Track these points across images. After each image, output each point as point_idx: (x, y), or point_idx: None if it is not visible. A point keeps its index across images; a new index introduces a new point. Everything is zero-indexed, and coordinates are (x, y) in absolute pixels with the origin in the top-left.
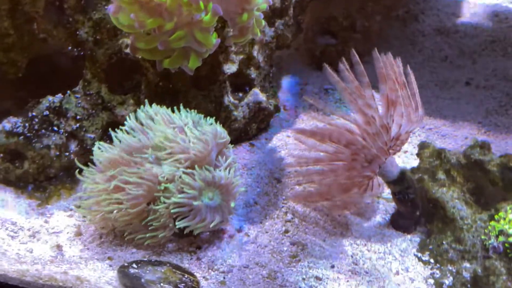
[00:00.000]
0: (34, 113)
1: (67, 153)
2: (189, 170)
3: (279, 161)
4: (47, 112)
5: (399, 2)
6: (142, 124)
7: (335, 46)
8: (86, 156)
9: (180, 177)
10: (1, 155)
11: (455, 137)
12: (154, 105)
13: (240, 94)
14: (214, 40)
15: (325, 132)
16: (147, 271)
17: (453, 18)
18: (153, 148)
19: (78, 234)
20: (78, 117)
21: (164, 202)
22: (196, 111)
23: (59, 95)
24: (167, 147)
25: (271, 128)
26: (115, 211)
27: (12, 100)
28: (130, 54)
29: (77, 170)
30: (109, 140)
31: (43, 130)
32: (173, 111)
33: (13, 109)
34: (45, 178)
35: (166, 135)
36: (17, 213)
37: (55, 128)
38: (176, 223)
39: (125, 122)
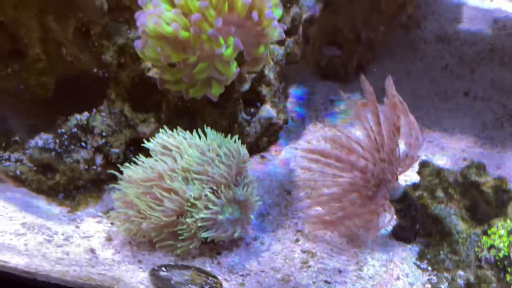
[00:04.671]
0: (63, 130)
1: (94, 167)
2: (214, 188)
3: (288, 173)
4: (75, 129)
5: (403, 10)
6: (166, 148)
7: (340, 58)
8: (110, 168)
9: (206, 195)
10: (35, 168)
11: (453, 149)
12: (177, 130)
13: (252, 110)
14: (234, 69)
15: (333, 153)
16: (175, 274)
17: (454, 24)
18: (182, 170)
19: (109, 239)
20: (103, 133)
21: (192, 216)
22: (212, 128)
23: (86, 114)
24: (194, 171)
25: (280, 140)
26: (145, 223)
27: (42, 118)
28: (153, 77)
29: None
30: (132, 154)
31: (72, 146)
32: (191, 130)
33: (43, 126)
34: (74, 188)
35: (194, 159)
36: (51, 219)
37: (83, 144)
38: (202, 234)
39: (151, 146)
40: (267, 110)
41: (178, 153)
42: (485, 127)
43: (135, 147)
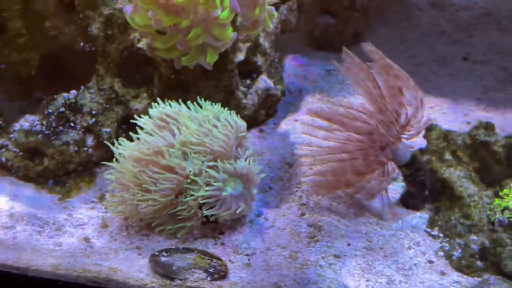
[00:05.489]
0: (50, 110)
1: (85, 148)
2: (212, 163)
3: (289, 146)
4: (63, 109)
5: None
6: (163, 121)
7: (334, 26)
8: (102, 150)
9: (206, 171)
10: (21, 153)
11: (455, 114)
12: (171, 102)
13: (248, 82)
14: (231, 34)
15: (338, 118)
16: (177, 259)
17: None
18: (180, 144)
19: (104, 226)
20: (93, 112)
21: (192, 195)
22: (207, 101)
23: (73, 91)
24: (192, 143)
25: (278, 113)
26: (140, 203)
27: (26, 98)
28: (143, 49)
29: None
30: (125, 133)
31: (61, 127)
32: (185, 103)
33: (28, 107)
34: (64, 173)
35: (191, 131)
36: (40, 208)
37: (72, 124)
38: (204, 212)
39: (144, 121)
40: (264, 80)
41: (175, 126)
42: (487, 90)
43: (128, 125)
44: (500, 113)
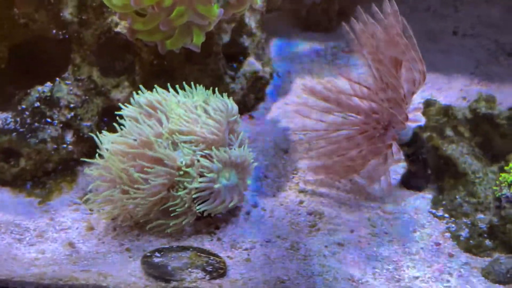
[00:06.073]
0: (23, 106)
1: (64, 145)
2: (205, 152)
3: (282, 131)
4: (38, 104)
5: None
6: (150, 108)
7: (320, 5)
8: (83, 145)
9: (199, 160)
10: None
11: (450, 90)
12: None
13: (235, 65)
14: (217, 10)
15: (336, 97)
16: (172, 258)
17: None
18: (168, 133)
19: (90, 228)
20: (71, 105)
21: (186, 187)
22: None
23: (48, 84)
24: (183, 131)
25: (268, 97)
26: (130, 202)
27: None
28: (122, 33)
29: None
30: (107, 126)
31: (36, 123)
32: (174, 90)
33: None
34: (43, 174)
35: (180, 118)
36: (19, 214)
37: (49, 120)
38: (197, 207)
39: (126, 109)
40: (252, 63)
41: (162, 113)
42: (479, 64)
43: (109, 118)
44: (495, 86)
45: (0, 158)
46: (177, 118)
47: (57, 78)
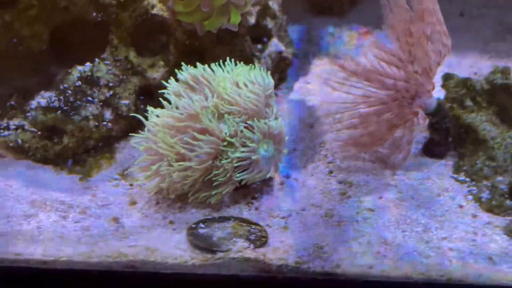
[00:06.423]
0: (65, 85)
1: (104, 123)
2: (246, 123)
3: (306, 108)
4: (79, 83)
5: None
6: (194, 82)
7: None
8: (121, 123)
9: (242, 131)
10: (39, 133)
11: (461, 66)
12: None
13: (259, 46)
14: None
15: (367, 71)
16: (216, 229)
17: None
18: (214, 107)
19: (132, 203)
20: (110, 84)
21: (228, 157)
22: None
23: (88, 64)
24: (227, 103)
25: (289, 77)
26: (179, 174)
27: (40, 74)
28: (157, 15)
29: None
30: (143, 105)
31: (78, 102)
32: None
33: (42, 83)
34: (84, 151)
35: (226, 90)
36: (62, 191)
37: (90, 98)
38: (237, 175)
39: (170, 86)
40: (276, 44)
41: (207, 87)
42: (487, 42)
43: (146, 96)
44: (504, 62)
45: (45, 136)
46: (223, 90)
47: (96, 59)
